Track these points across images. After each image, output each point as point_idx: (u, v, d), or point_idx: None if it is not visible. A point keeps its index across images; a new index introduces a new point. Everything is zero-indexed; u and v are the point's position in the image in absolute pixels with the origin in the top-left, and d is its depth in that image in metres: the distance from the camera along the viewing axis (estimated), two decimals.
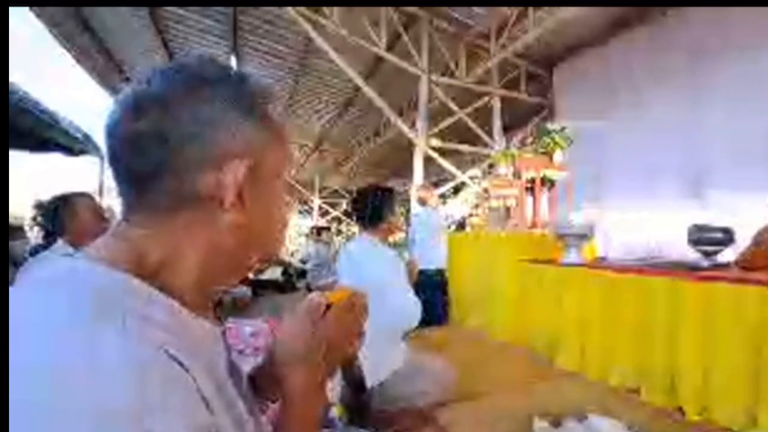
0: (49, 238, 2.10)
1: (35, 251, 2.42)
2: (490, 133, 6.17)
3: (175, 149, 0.36)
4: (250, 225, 0.40)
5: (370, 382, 1.36)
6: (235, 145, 0.38)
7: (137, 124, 0.36)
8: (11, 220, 3.12)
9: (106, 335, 0.28)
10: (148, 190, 0.37)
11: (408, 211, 6.02)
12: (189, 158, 0.37)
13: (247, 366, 0.55)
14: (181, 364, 0.31)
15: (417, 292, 1.52)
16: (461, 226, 3.91)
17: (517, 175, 3.27)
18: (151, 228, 0.38)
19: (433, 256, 3.25)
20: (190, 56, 0.41)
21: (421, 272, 3.22)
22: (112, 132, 0.38)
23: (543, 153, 3.16)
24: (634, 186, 4.60)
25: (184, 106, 0.37)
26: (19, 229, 2.79)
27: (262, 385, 0.54)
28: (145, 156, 0.36)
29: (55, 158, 3.41)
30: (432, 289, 3.13)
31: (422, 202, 3.56)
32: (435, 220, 3.36)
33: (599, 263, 2.43)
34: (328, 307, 0.52)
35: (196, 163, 0.37)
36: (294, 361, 0.50)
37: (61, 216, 1.53)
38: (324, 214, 14.87)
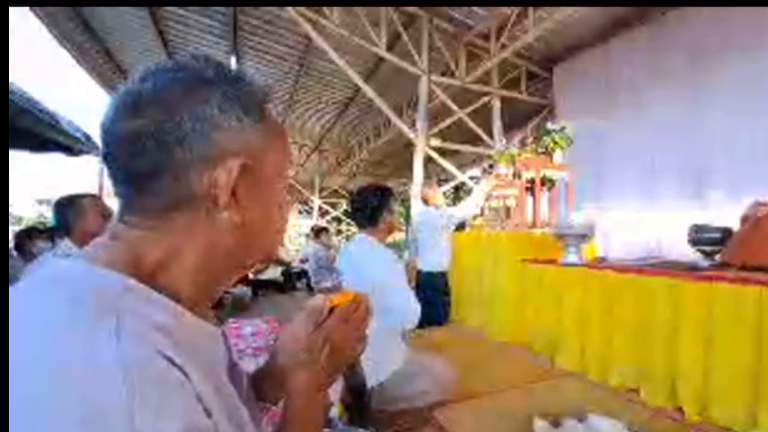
0: (55, 238, 2.11)
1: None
2: (490, 133, 6.17)
3: (172, 149, 0.36)
4: (247, 225, 0.40)
5: (370, 382, 1.36)
6: (232, 144, 0.38)
7: (134, 123, 0.36)
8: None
9: (104, 335, 0.28)
10: (145, 190, 0.37)
11: (408, 210, 6.02)
12: (186, 158, 0.36)
13: (247, 366, 0.55)
14: (177, 365, 0.31)
15: (417, 293, 1.52)
16: (461, 226, 3.90)
17: (517, 175, 3.26)
18: (149, 228, 0.37)
19: (433, 257, 3.21)
20: (188, 55, 0.41)
21: (421, 273, 3.21)
22: (108, 131, 0.37)
23: (543, 153, 3.16)
24: (634, 186, 4.60)
25: (182, 105, 0.36)
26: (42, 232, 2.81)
27: (263, 387, 0.54)
28: (142, 156, 0.36)
29: (55, 158, 3.41)
30: (432, 290, 3.11)
31: (425, 200, 3.51)
32: (435, 219, 3.31)
33: (599, 263, 2.43)
34: (332, 310, 0.52)
35: (194, 163, 0.37)
36: (297, 363, 0.50)
37: (67, 216, 1.54)
38: (324, 214, 14.87)
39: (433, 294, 3.09)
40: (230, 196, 0.38)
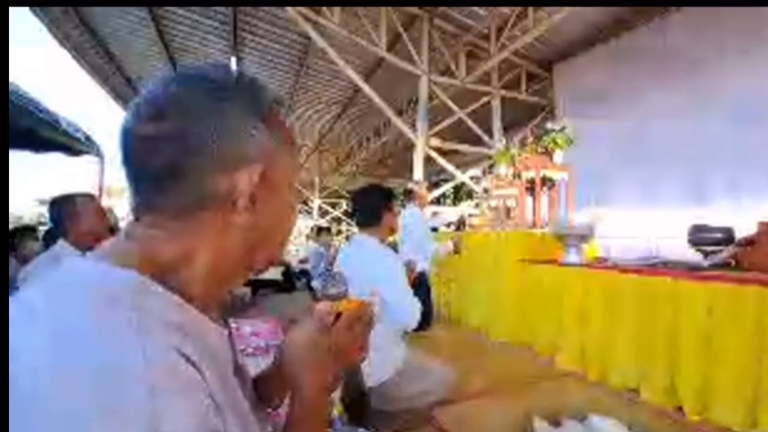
0: (49, 238, 2.09)
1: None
2: (490, 133, 6.17)
3: (191, 152, 0.37)
4: (259, 228, 0.41)
5: (370, 382, 1.36)
6: (249, 150, 0.39)
7: (155, 126, 0.37)
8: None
9: (121, 336, 0.29)
10: (161, 191, 0.38)
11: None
12: (205, 161, 0.37)
13: (248, 366, 0.55)
14: (194, 364, 0.32)
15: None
16: (461, 226, 3.90)
17: (517, 175, 3.26)
18: (163, 229, 0.38)
19: (422, 257, 3.19)
20: (206, 63, 0.43)
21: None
22: (129, 133, 0.38)
23: (543, 153, 3.16)
24: (634, 186, 4.60)
25: (203, 111, 0.38)
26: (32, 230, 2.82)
27: (267, 389, 0.55)
28: (161, 158, 0.37)
29: (56, 158, 3.40)
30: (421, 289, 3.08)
31: (416, 199, 3.50)
32: (423, 221, 3.29)
33: (599, 263, 2.43)
34: (338, 316, 0.53)
35: (212, 167, 0.38)
36: (304, 367, 0.50)
37: (62, 216, 1.53)
38: (324, 214, 14.88)
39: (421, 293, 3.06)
40: (248, 201, 0.39)
